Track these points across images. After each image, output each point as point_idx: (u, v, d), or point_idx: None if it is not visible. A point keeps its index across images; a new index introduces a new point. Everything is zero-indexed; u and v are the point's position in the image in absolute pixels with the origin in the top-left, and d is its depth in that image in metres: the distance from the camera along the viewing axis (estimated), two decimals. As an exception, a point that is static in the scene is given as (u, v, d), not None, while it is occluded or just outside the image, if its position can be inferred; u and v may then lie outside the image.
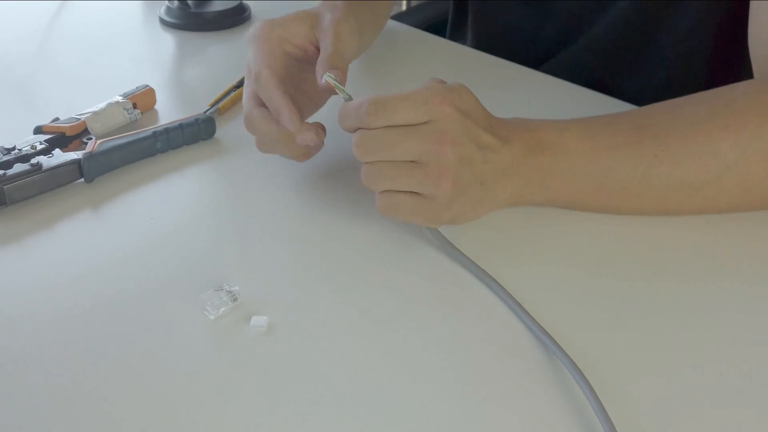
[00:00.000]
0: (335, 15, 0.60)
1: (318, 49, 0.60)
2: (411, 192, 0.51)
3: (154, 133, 0.64)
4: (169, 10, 0.92)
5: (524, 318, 0.48)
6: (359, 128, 0.51)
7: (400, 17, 1.10)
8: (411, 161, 0.50)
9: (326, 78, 0.54)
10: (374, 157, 0.51)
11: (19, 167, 0.58)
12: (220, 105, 0.71)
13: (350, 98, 0.53)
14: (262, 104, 0.57)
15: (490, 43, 0.86)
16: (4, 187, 0.56)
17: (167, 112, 0.72)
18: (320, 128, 0.56)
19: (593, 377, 0.43)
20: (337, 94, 0.54)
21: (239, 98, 0.73)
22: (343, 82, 0.55)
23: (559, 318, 0.48)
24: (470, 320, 0.48)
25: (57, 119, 0.65)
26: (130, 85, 0.71)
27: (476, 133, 0.51)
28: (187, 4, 0.91)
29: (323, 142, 0.57)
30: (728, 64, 0.77)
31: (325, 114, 0.62)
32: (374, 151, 0.50)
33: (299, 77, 0.60)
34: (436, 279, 0.52)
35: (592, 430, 0.41)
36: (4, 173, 0.57)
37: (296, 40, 0.59)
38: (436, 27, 1.06)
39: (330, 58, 0.56)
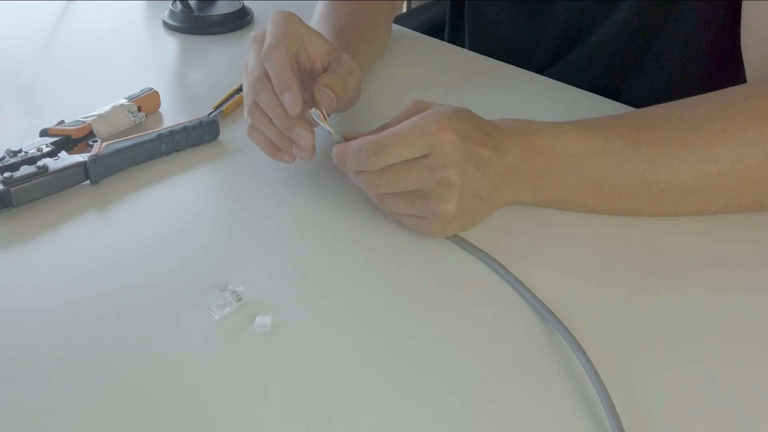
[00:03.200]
0: (352, 58, 0.62)
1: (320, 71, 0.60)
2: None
3: (159, 135, 0.64)
4: (172, 13, 0.92)
5: (544, 313, 0.49)
6: (361, 171, 0.53)
7: (398, 20, 1.10)
8: (415, 190, 0.52)
9: (311, 113, 0.54)
10: (381, 191, 0.53)
11: (25, 169, 0.58)
12: (223, 107, 0.72)
13: (339, 137, 0.55)
14: None
15: (488, 54, 0.86)
16: (11, 189, 0.57)
17: (171, 115, 0.73)
18: (312, 148, 0.56)
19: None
20: (318, 125, 0.55)
21: (242, 101, 0.74)
22: (331, 105, 0.56)
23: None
24: (480, 316, 0.49)
25: (62, 122, 0.66)
26: (135, 88, 0.72)
27: (475, 153, 0.51)
28: (191, 8, 0.91)
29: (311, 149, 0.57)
30: (727, 68, 0.77)
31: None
32: (380, 188, 0.53)
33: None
34: (443, 274, 0.52)
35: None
36: (11, 175, 0.57)
37: (311, 49, 0.59)
38: (436, 29, 1.06)
39: (329, 78, 0.57)
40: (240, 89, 0.74)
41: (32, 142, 0.62)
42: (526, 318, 0.49)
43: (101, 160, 0.61)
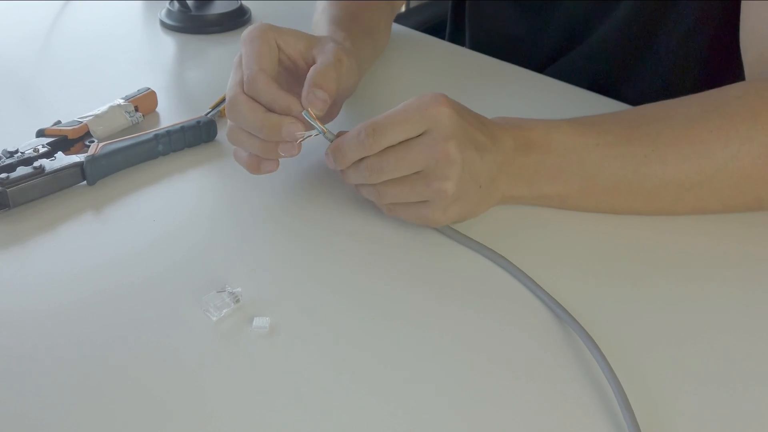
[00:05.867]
0: (340, 45, 0.60)
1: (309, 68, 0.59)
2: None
3: (156, 135, 0.64)
4: (169, 12, 0.92)
5: (551, 304, 0.49)
6: (362, 157, 0.52)
7: (398, 19, 1.10)
8: (415, 172, 0.51)
9: (303, 114, 0.53)
10: (383, 178, 0.52)
11: (21, 170, 0.58)
12: (221, 107, 0.71)
13: (333, 137, 0.54)
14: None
15: (489, 52, 0.86)
16: (7, 190, 0.56)
17: (168, 115, 0.72)
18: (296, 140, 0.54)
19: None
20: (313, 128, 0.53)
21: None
22: (324, 108, 0.54)
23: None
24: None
25: (59, 122, 0.65)
26: (132, 88, 0.71)
27: (472, 134, 0.51)
28: (188, 7, 0.91)
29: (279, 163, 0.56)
30: (725, 67, 0.77)
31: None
32: (382, 173, 0.52)
33: (285, 88, 0.59)
34: (447, 273, 0.52)
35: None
36: (7, 176, 0.57)
37: (289, 50, 0.59)
38: (436, 28, 1.06)
39: (319, 74, 0.55)
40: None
41: (29, 143, 0.62)
42: (537, 315, 0.49)
43: (98, 160, 0.60)
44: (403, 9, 1.65)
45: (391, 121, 0.50)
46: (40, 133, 0.64)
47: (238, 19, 0.92)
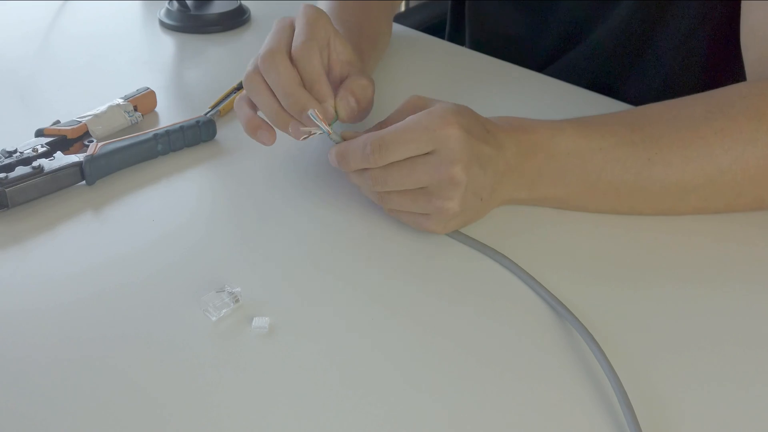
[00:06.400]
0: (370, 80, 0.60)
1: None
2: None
3: (155, 135, 0.64)
4: (168, 12, 0.92)
5: (553, 303, 0.49)
6: (365, 168, 0.52)
7: (398, 18, 1.10)
8: (419, 187, 0.51)
9: (309, 114, 0.53)
10: (386, 189, 0.52)
11: (20, 170, 0.58)
12: (220, 107, 0.71)
13: (338, 138, 0.54)
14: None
15: (489, 52, 0.86)
16: (6, 190, 0.56)
17: (168, 115, 0.72)
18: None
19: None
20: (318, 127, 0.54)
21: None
22: (351, 117, 0.55)
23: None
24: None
25: (58, 122, 0.65)
26: (131, 88, 0.71)
27: (478, 149, 0.51)
28: (187, 6, 0.91)
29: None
30: (726, 66, 0.77)
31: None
32: (385, 185, 0.52)
33: None
34: (447, 273, 0.52)
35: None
36: (6, 176, 0.57)
37: (333, 54, 0.59)
38: (435, 28, 1.06)
39: (360, 86, 0.56)
40: (237, 88, 0.74)
41: (28, 143, 0.62)
42: (539, 314, 0.49)
43: (97, 160, 0.60)
44: (402, 8, 1.65)
45: (399, 138, 0.50)
46: (39, 133, 0.64)
47: (237, 18, 0.92)
